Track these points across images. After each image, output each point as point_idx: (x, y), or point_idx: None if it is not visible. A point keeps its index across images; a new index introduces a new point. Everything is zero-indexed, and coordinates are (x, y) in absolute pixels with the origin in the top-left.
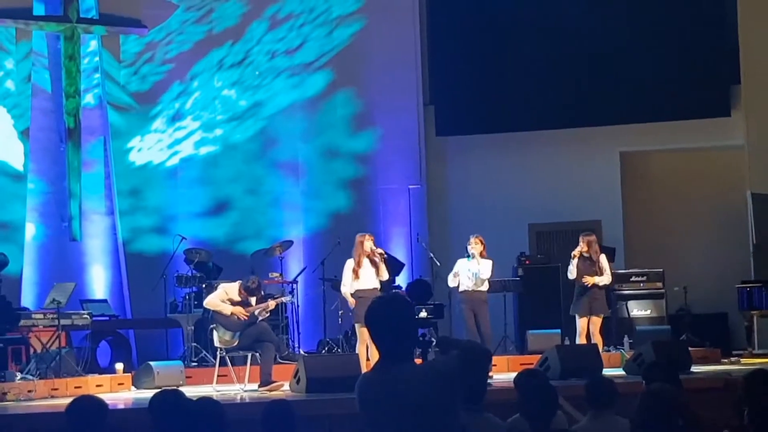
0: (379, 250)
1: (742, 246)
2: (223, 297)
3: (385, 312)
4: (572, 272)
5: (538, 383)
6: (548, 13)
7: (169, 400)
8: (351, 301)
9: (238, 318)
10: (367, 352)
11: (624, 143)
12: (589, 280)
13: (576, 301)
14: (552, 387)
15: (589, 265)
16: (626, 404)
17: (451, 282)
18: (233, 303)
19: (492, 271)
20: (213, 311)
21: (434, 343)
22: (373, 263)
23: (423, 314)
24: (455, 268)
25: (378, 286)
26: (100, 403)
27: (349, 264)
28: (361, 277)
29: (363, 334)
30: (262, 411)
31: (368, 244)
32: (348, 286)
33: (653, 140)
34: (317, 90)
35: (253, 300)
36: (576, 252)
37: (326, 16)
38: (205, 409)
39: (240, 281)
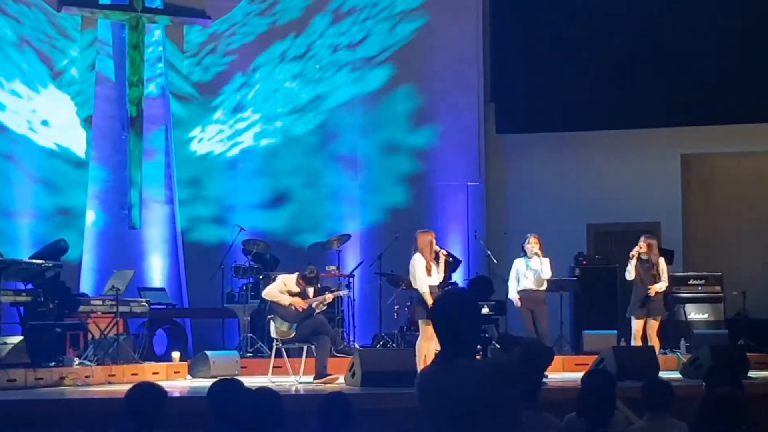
0: (444, 251)
1: None
2: (281, 288)
3: (452, 307)
4: (630, 273)
5: (603, 384)
6: (611, 12)
7: (228, 389)
8: (430, 300)
9: (296, 309)
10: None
11: (685, 146)
12: (652, 290)
13: (633, 302)
14: (614, 389)
15: (648, 268)
16: (683, 407)
17: (512, 292)
18: (291, 294)
19: (551, 270)
20: (271, 302)
21: (494, 340)
22: (436, 261)
23: (485, 310)
24: (514, 269)
25: (438, 283)
26: (160, 390)
27: (421, 261)
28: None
29: (427, 330)
30: (319, 402)
31: (433, 241)
32: (424, 282)
33: (715, 143)
34: (378, 85)
35: (310, 291)
36: (634, 252)
37: (389, 10)
38: (264, 398)
39: (298, 272)
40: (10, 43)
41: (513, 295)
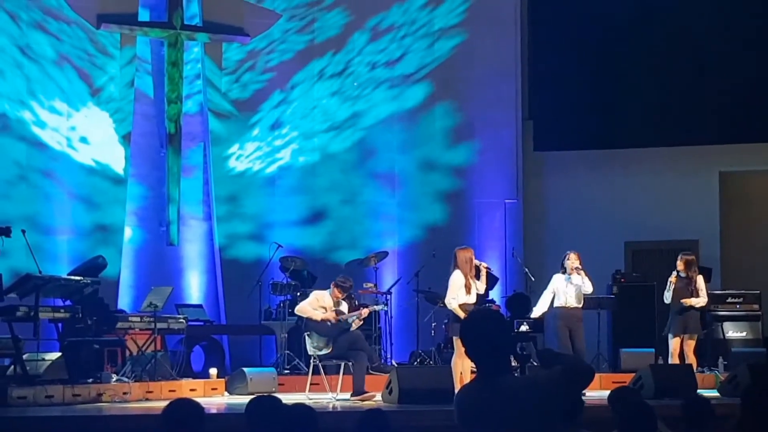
0: (484, 264)
1: None
2: (314, 304)
3: (480, 326)
4: (668, 297)
5: (635, 401)
6: (649, 30)
7: (266, 406)
8: (462, 313)
9: (331, 324)
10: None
11: (724, 163)
12: (687, 302)
13: (671, 320)
14: (648, 405)
15: (686, 285)
16: (721, 426)
17: (540, 306)
18: (325, 310)
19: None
20: (306, 318)
21: (532, 356)
22: (476, 277)
23: (524, 328)
24: (552, 285)
25: (474, 300)
26: (198, 407)
27: (459, 278)
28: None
29: (462, 347)
30: (357, 419)
31: (473, 257)
32: (457, 299)
33: (754, 161)
34: (416, 102)
35: (345, 308)
36: (673, 278)
37: (428, 28)
38: (301, 415)
39: (332, 282)
40: (50, 60)
41: (540, 309)
